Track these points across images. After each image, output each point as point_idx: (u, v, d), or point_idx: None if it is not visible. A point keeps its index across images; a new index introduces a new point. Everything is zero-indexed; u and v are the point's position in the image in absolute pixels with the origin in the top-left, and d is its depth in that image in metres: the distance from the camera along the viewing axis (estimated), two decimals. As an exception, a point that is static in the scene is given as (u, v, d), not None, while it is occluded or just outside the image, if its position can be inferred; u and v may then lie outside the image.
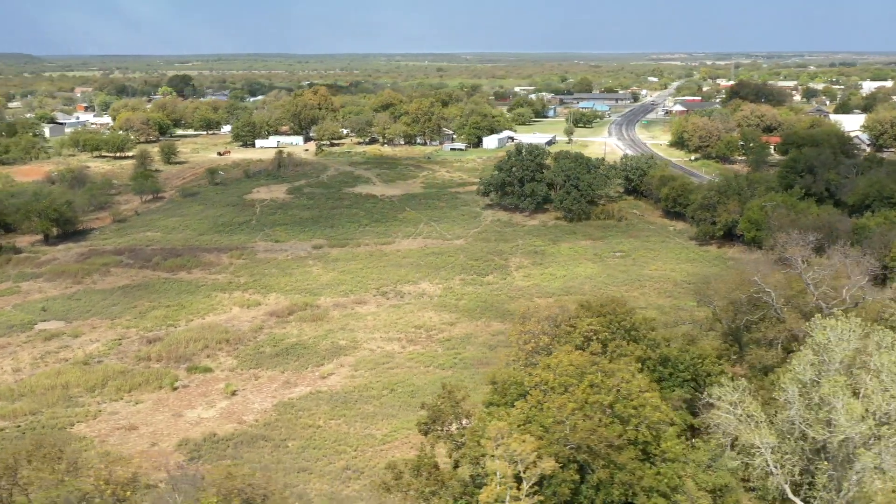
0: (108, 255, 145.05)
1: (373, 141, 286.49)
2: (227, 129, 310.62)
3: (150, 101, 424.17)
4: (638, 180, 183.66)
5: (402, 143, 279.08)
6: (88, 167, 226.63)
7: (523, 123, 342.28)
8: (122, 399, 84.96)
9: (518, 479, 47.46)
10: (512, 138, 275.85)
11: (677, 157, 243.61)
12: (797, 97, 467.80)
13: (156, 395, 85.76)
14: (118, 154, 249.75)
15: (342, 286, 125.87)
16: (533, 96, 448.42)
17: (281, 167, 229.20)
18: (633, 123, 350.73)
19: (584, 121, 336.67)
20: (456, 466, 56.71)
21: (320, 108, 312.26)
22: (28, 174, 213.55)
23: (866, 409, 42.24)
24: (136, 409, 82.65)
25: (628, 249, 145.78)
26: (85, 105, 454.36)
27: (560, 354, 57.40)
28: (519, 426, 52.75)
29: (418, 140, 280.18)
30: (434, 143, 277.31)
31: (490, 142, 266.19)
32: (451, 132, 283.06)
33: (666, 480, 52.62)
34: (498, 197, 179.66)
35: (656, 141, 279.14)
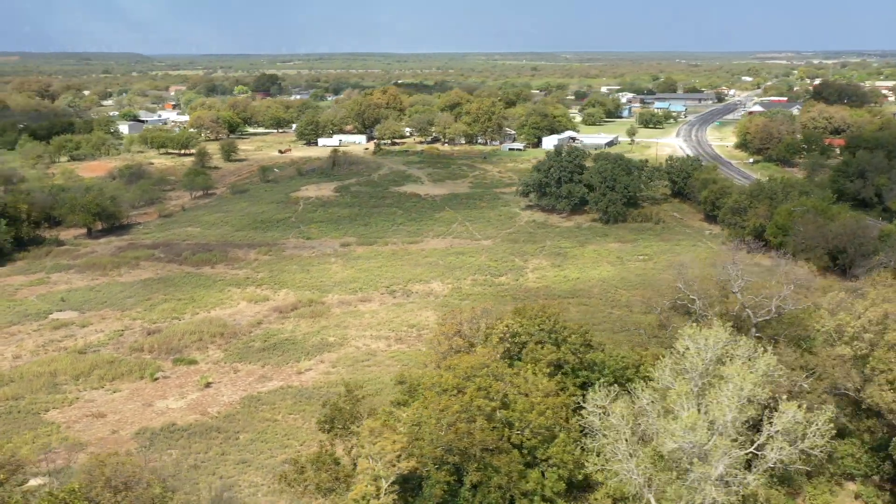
0: (143, 248, 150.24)
1: (435, 140, 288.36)
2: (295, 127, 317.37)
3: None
4: (682, 183, 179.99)
5: (463, 142, 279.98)
6: (152, 164, 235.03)
7: (593, 124, 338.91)
8: (102, 387, 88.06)
9: (377, 479, 47.72)
10: (574, 139, 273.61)
11: (739, 159, 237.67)
12: (892, 98, 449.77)
13: (135, 385, 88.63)
14: (182, 151, 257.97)
15: (353, 284, 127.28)
16: (610, 97, 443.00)
17: (335, 165, 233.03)
18: (707, 124, 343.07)
19: (654, 121, 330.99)
20: (355, 463, 57.22)
21: (387, 107, 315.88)
22: (94, 170, 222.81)
23: (709, 420, 40.98)
24: (112, 397, 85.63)
25: (652, 253, 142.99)
26: (173, 103, 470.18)
27: (463, 356, 57.29)
28: (409, 426, 52.99)
29: (479, 140, 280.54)
30: (494, 142, 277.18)
31: (549, 142, 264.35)
32: (513, 132, 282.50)
33: (550, 485, 52.03)
34: (537, 198, 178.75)
35: (723, 143, 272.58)
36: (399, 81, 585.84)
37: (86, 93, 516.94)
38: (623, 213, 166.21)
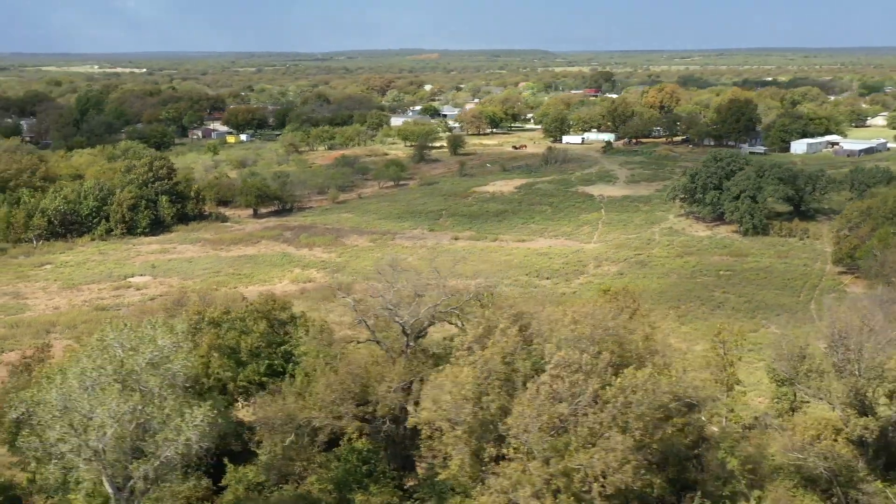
0: (280, 229, 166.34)
1: (686, 141, 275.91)
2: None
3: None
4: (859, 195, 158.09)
5: (712, 143, 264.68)
6: (387, 154, 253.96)
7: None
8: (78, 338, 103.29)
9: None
10: (833, 143, 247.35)
11: None
12: None
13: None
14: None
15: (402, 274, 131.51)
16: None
17: (547, 163, 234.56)
18: None
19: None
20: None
21: (653, 107, 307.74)
22: (329, 158, 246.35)
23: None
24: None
25: (745, 269, 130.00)
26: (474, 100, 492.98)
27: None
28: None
29: (730, 141, 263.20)
30: (742, 145, 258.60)
31: (798, 146, 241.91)
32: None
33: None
34: (688, 205, 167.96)
35: None
36: (767, 80, 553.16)
37: (427, 87, 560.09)
38: (765, 226, 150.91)
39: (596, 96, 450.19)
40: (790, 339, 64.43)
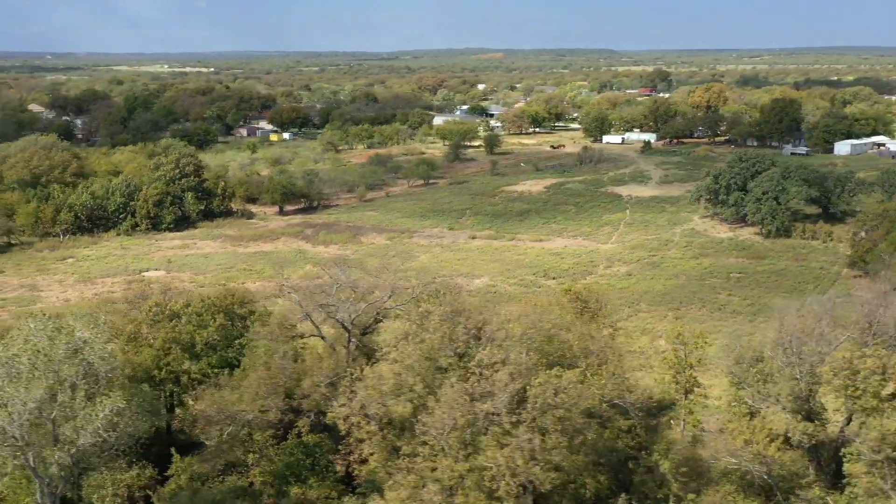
0: (302, 227, 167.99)
1: (728, 141, 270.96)
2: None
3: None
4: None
5: (755, 143, 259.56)
6: (423, 153, 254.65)
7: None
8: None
9: None
10: (880, 145, 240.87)
11: None
12: None
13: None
14: (463, 143, 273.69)
15: (409, 272, 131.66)
16: None
17: (581, 162, 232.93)
18: None
19: None
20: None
21: (707, 107, 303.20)
22: (365, 157, 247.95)
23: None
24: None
25: (757, 271, 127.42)
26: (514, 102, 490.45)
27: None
28: None
29: (773, 142, 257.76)
30: (786, 145, 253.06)
31: (842, 147, 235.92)
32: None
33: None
34: (712, 206, 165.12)
35: None
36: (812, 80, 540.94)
37: (480, 87, 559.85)
38: (787, 228, 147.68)
39: (650, 96, 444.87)
40: (744, 342, 63.28)
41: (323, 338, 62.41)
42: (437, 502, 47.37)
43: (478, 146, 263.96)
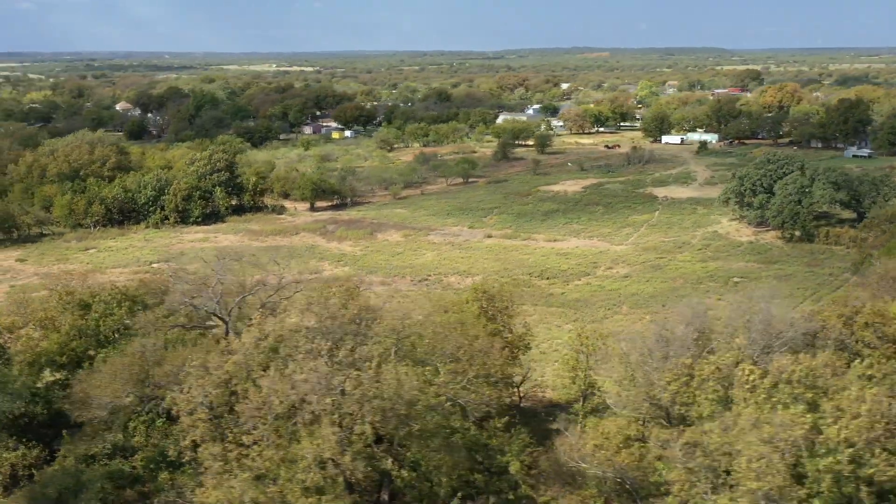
0: (327, 223, 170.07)
1: (792, 143, 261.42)
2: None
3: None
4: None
5: (819, 145, 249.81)
6: (475, 152, 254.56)
7: None
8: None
9: None
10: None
11: None
12: None
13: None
14: (517, 142, 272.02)
15: (408, 269, 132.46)
16: None
17: (630, 163, 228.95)
18: None
19: None
20: None
21: (779, 107, 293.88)
22: (413, 155, 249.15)
23: None
24: None
25: (760, 277, 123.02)
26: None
27: None
28: None
29: (838, 143, 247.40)
30: (851, 147, 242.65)
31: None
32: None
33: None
34: (738, 208, 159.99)
35: None
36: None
37: (564, 86, 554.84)
38: (810, 233, 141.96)
39: (738, 95, 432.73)
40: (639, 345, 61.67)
41: (205, 328, 63.58)
42: (246, 491, 47.65)
43: (531, 145, 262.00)
